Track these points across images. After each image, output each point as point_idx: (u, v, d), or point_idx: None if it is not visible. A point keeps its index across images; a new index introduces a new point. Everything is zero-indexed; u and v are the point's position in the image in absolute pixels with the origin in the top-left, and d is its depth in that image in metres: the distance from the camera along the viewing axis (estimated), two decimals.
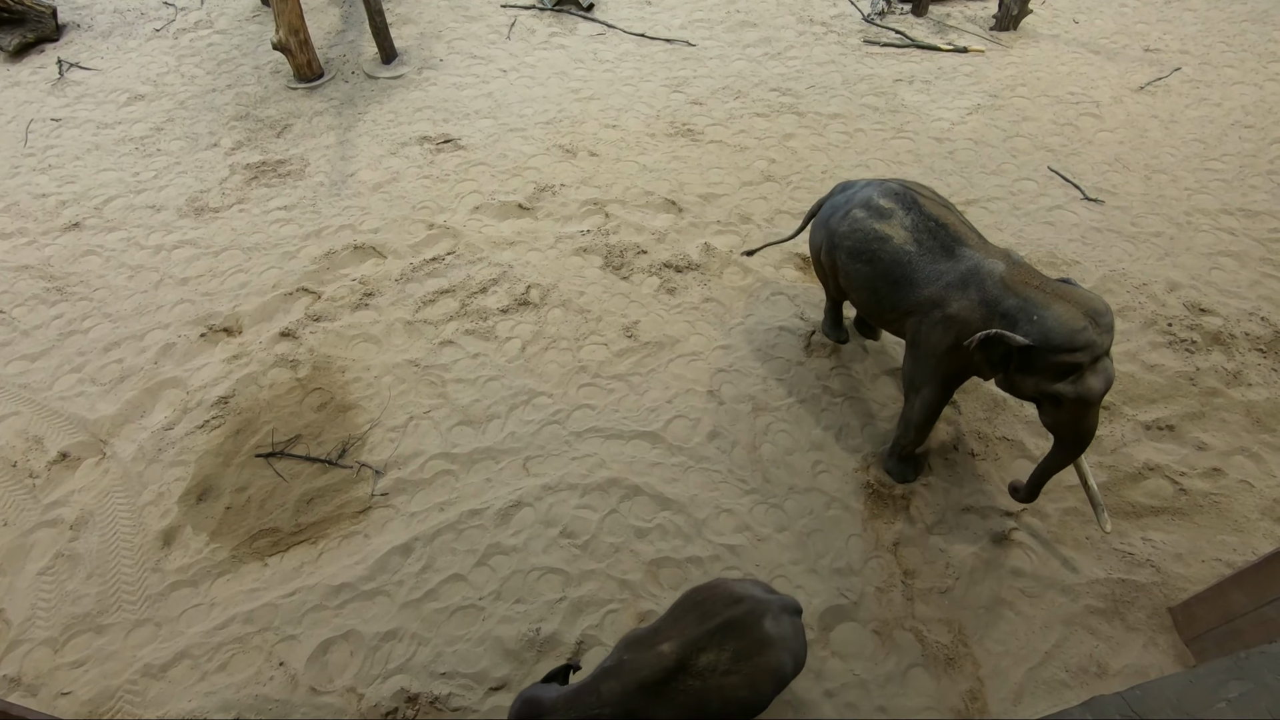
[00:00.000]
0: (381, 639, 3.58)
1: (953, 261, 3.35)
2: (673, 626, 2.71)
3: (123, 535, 4.05)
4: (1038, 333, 3.01)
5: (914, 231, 3.48)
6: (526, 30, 8.06)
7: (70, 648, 3.65)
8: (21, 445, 4.49)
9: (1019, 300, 3.11)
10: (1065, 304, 3.02)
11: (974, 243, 3.38)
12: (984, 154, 6.18)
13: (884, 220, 3.57)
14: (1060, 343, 2.96)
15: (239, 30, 8.31)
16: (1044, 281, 3.14)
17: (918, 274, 3.44)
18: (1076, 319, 2.97)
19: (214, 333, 5.06)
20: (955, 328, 3.32)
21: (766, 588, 2.90)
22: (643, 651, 2.64)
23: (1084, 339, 2.95)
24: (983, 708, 3.28)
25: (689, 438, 4.31)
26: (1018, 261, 3.26)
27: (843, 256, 3.78)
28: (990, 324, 3.18)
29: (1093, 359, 2.98)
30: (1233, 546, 3.74)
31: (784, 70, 7.29)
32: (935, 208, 3.51)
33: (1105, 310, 3.00)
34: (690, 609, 2.77)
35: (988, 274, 3.23)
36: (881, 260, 3.56)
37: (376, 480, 4.20)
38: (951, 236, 3.40)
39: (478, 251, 5.51)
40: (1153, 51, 7.34)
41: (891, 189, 3.65)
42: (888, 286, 3.57)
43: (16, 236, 5.94)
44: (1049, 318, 3.01)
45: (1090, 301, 3.02)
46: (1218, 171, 5.90)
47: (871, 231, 3.60)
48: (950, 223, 3.44)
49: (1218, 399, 4.36)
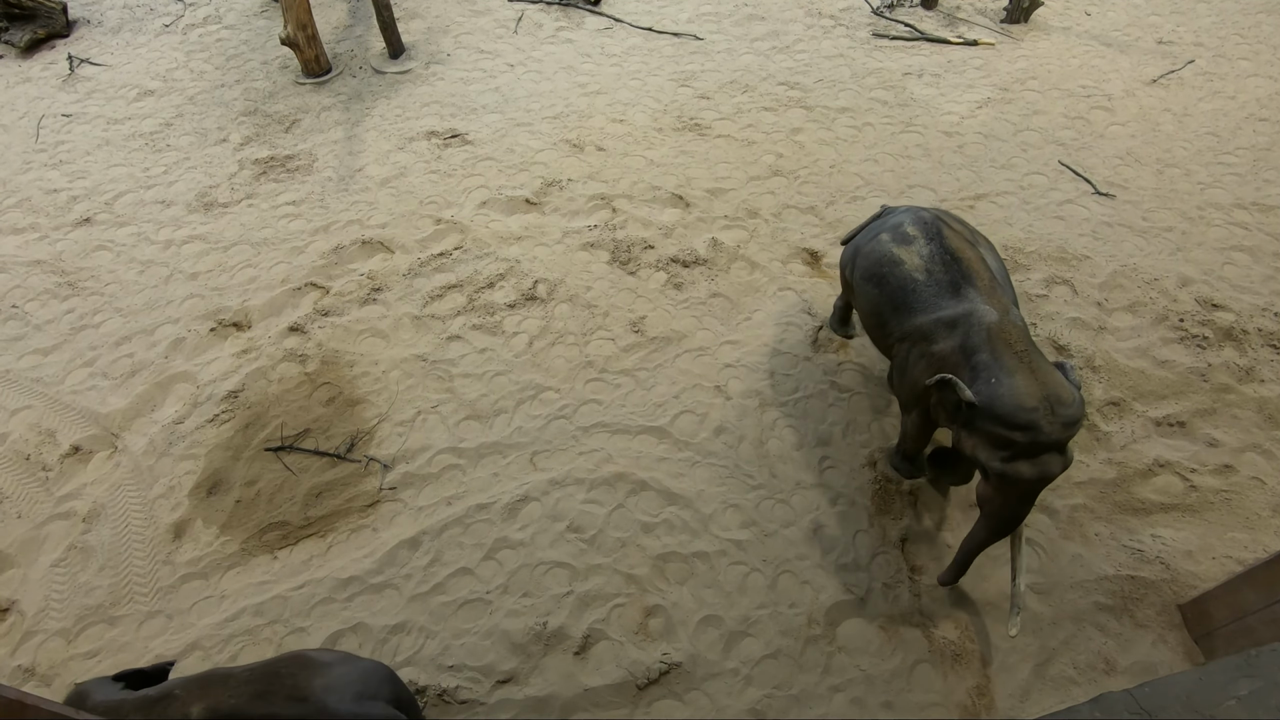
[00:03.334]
0: (389, 632, 3.61)
1: (953, 299, 3.24)
2: (227, 687, 2.37)
3: (134, 528, 4.09)
4: (987, 395, 2.90)
5: (927, 261, 3.37)
6: (533, 25, 8.04)
7: (83, 639, 3.70)
8: (34, 438, 4.54)
9: (991, 357, 2.99)
10: (1030, 379, 2.88)
11: (982, 286, 3.24)
12: (994, 148, 6.14)
13: (903, 246, 3.49)
14: (1001, 413, 2.85)
15: (247, 25, 8.33)
16: (1027, 349, 3.00)
17: (918, 303, 3.34)
18: (1030, 398, 2.83)
19: (223, 327, 5.09)
20: (934, 365, 3.22)
21: (362, 693, 2.42)
22: (192, 696, 2.34)
23: (1026, 419, 2.81)
24: (990, 704, 3.28)
25: (696, 433, 4.31)
26: (1014, 319, 3.12)
27: (858, 276, 3.71)
28: (959, 371, 3.07)
29: (1032, 443, 2.83)
30: (1244, 544, 3.72)
31: (792, 64, 7.25)
32: (958, 241, 3.40)
33: (1072, 404, 2.83)
34: (264, 678, 2.40)
35: (977, 321, 3.11)
36: (889, 284, 3.47)
37: (384, 474, 4.22)
38: (962, 274, 3.28)
39: (485, 246, 5.52)
40: (1166, 44, 7.25)
41: (922, 217, 3.54)
42: (890, 311, 3.49)
43: (29, 232, 5.98)
44: (1005, 385, 2.88)
45: (1059, 389, 2.86)
46: (1231, 165, 5.84)
47: (888, 255, 3.52)
48: (967, 259, 3.32)
49: (1229, 395, 4.32)
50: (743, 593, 3.67)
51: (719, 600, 3.65)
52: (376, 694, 2.46)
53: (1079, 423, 2.86)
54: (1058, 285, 4.98)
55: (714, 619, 3.59)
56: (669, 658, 3.46)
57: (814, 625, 3.54)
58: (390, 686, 2.56)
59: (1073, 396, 2.86)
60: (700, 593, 3.68)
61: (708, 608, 3.62)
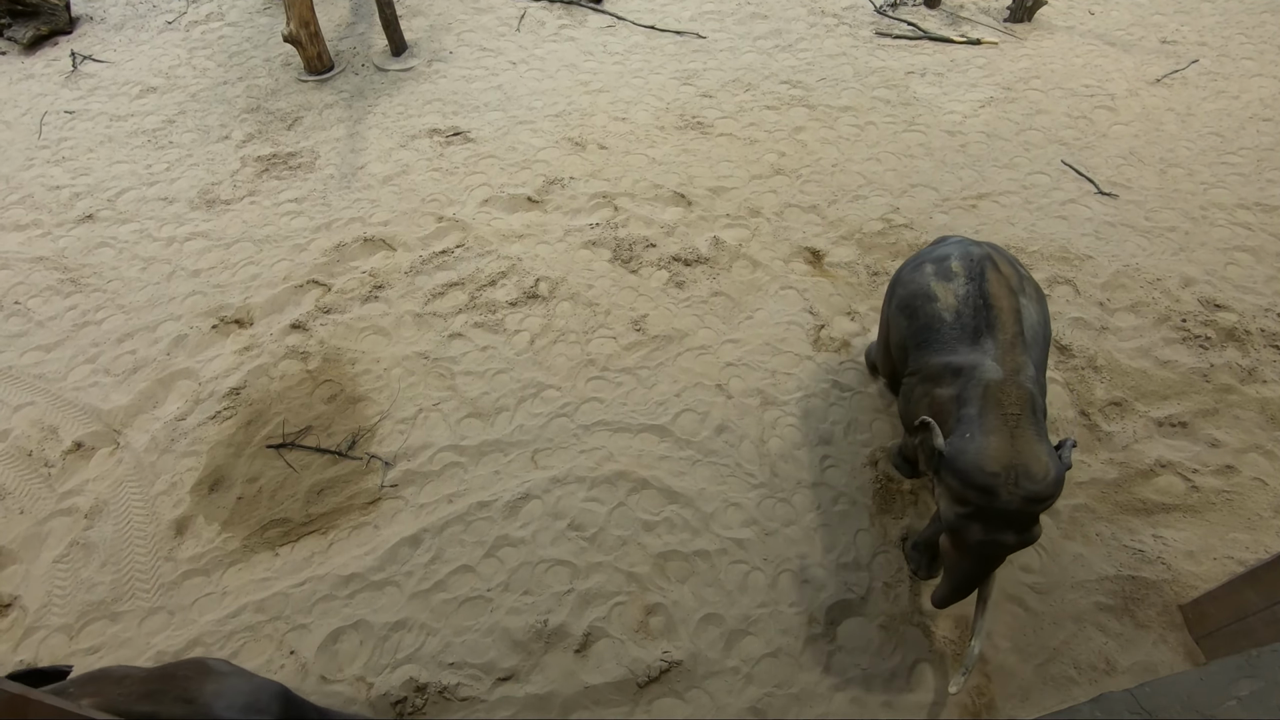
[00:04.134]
0: (391, 629, 3.61)
1: (969, 348, 3.10)
2: (121, 685, 2.32)
3: (136, 524, 4.10)
4: (956, 448, 2.82)
5: (960, 303, 3.20)
6: (536, 23, 8.04)
7: (85, 634, 3.71)
8: (37, 435, 4.55)
9: (978, 413, 2.89)
10: (1004, 444, 2.76)
11: (1002, 340, 3.06)
12: (996, 147, 6.13)
13: (942, 281, 3.31)
14: (962, 468, 2.77)
15: (250, 23, 8.33)
16: (1019, 414, 2.84)
17: (937, 343, 3.21)
18: (994, 462, 2.72)
19: (225, 324, 5.10)
20: (932, 407, 3.15)
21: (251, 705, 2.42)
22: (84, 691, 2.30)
23: (983, 481, 2.72)
24: (990, 704, 3.28)
25: (697, 431, 4.31)
26: (1023, 381, 2.94)
27: (895, 305, 3.55)
28: (948, 419, 3.01)
29: (986, 508, 2.74)
30: (1245, 544, 3.71)
31: (795, 63, 7.24)
32: (999, 287, 3.19)
33: (1040, 480, 2.69)
34: (159, 679, 2.37)
35: (981, 375, 2.99)
36: (918, 319, 3.33)
37: (386, 472, 4.23)
38: (988, 322, 3.11)
39: (487, 244, 5.52)
40: (1170, 43, 7.24)
41: (970, 254, 3.33)
42: (913, 345, 3.34)
43: (31, 228, 5.99)
44: (976, 443, 2.79)
45: (1031, 462, 2.71)
46: (1235, 165, 5.83)
47: (925, 288, 3.36)
48: (998, 308, 3.13)
49: (1232, 395, 4.32)
50: (743, 591, 3.67)
51: (720, 599, 3.65)
52: (266, 709, 2.50)
53: (1044, 501, 2.72)
54: (1060, 285, 4.97)
55: (715, 617, 3.59)
56: (670, 656, 3.46)
57: (814, 624, 3.54)
58: (281, 705, 2.57)
59: (1045, 473, 2.71)
60: (701, 591, 3.68)
61: (708, 606, 3.63)
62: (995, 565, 2.93)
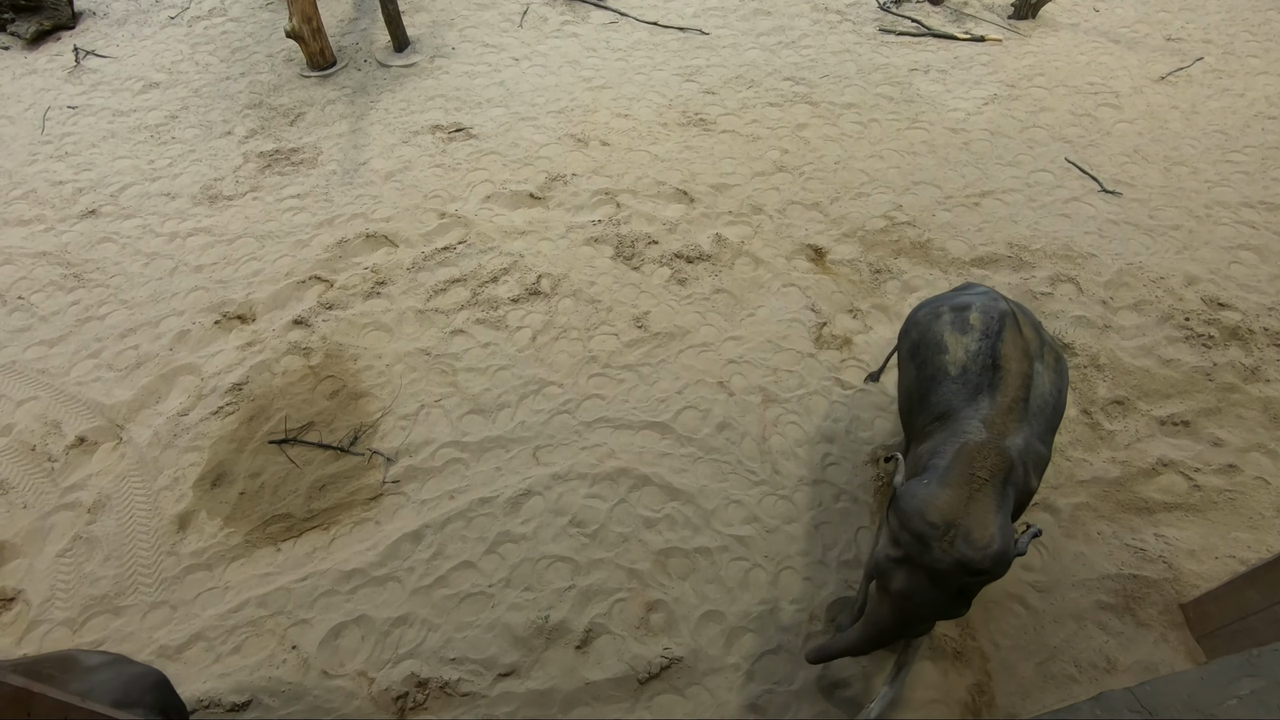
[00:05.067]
0: (392, 624, 3.62)
1: (965, 402, 2.98)
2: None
3: (139, 519, 4.11)
4: (908, 488, 2.75)
5: (970, 359, 3.06)
6: (539, 19, 8.02)
7: (88, 628, 3.72)
8: (40, 429, 4.56)
9: (946, 466, 2.77)
10: (957, 501, 2.65)
11: (1000, 403, 2.92)
12: (1000, 145, 6.11)
13: (957, 333, 3.16)
14: (903, 508, 2.70)
15: (252, 18, 8.32)
16: (987, 481, 2.70)
17: (939, 400, 3.07)
18: (939, 514, 2.61)
19: (228, 320, 5.10)
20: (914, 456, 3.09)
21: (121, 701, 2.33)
22: None
23: (919, 528, 2.62)
24: (990, 701, 3.28)
25: (698, 429, 4.31)
26: (1008, 449, 2.79)
27: (906, 348, 3.44)
28: (919, 467, 2.94)
29: (916, 558, 2.64)
30: (1247, 543, 3.71)
31: (798, 59, 7.22)
32: (1013, 349, 3.03)
33: (979, 550, 2.54)
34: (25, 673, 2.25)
35: (964, 430, 2.87)
36: (926, 369, 3.20)
37: (388, 468, 4.23)
38: (991, 383, 2.96)
39: (489, 241, 5.52)
40: (1174, 41, 7.21)
41: (990, 309, 3.15)
42: (918, 399, 3.22)
43: (35, 223, 6.00)
44: (929, 490, 2.69)
45: (978, 530, 2.58)
46: (1239, 164, 5.80)
47: (938, 337, 3.22)
48: (1007, 371, 2.97)
49: (1235, 395, 4.31)
50: (744, 588, 3.67)
51: (720, 596, 3.66)
52: (139, 701, 2.44)
53: (976, 572, 2.57)
54: (1063, 283, 4.96)
55: (715, 614, 3.60)
56: (670, 652, 3.47)
57: (815, 621, 3.54)
58: (156, 694, 2.52)
59: (988, 544, 2.56)
60: (702, 588, 3.69)
61: (709, 603, 3.63)
62: (912, 625, 2.77)
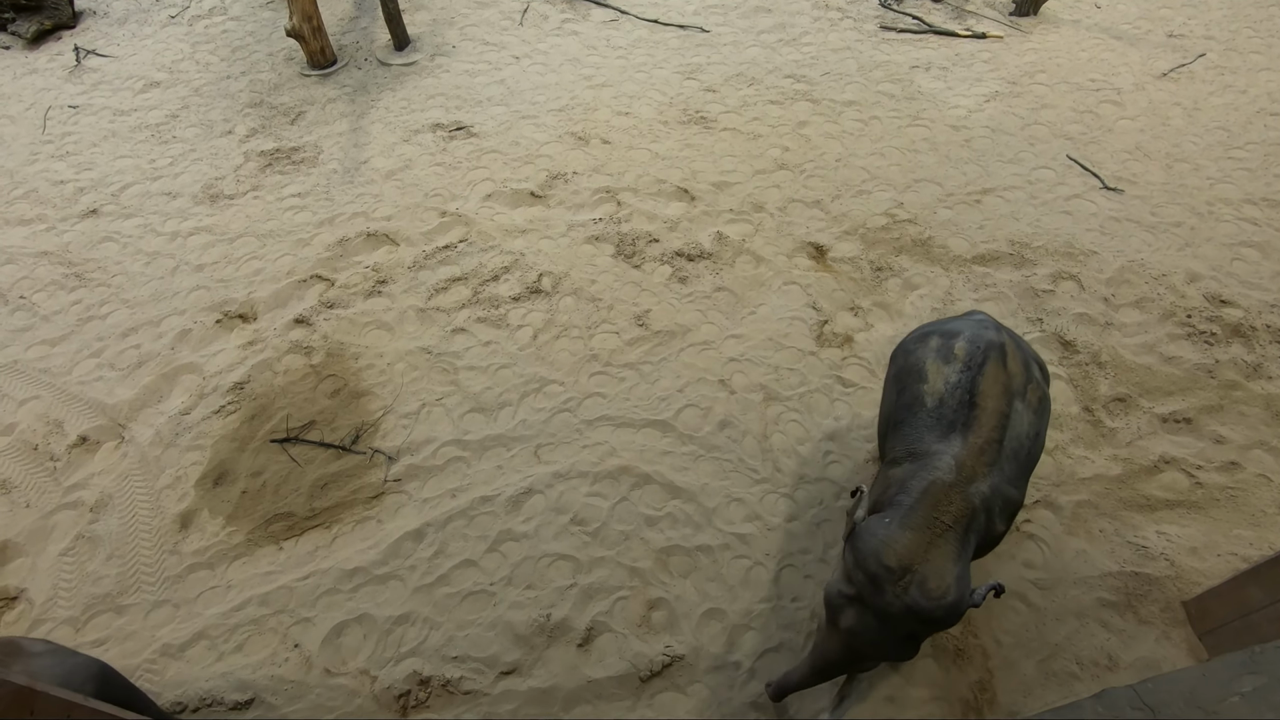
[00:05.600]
0: (394, 622, 3.63)
1: (937, 438, 2.87)
2: None
3: (141, 518, 4.12)
4: (868, 526, 2.68)
5: (948, 391, 2.94)
6: (539, 17, 8.01)
7: (91, 627, 3.73)
8: (42, 429, 4.57)
9: (911, 505, 2.69)
10: (917, 545, 2.58)
11: (973, 443, 2.80)
12: (1001, 142, 6.10)
13: (940, 362, 3.03)
14: (860, 546, 2.64)
15: (253, 17, 8.32)
16: (950, 527, 2.63)
17: (910, 429, 2.99)
18: (894, 557, 2.55)
19: (229, 319, 5.11)
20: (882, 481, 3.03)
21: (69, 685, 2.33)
22: None
23: (873, 569, 2.56)
24: (991, 699, 3.28)
25: (700, 427, 4.31)
26: (974, 493, 2.71)
27: (891, 372, 3.33)
28: (885, 501, 2.87)
29: (866, 597, 2.58)
30: (1249, 541, 3.70)
31: (798, 57, 7.21)
32: (994, 384, 2.89)
33: (930, 598, 2.49)
34: None
35: (932, 469, 2.78)
36: (904, 396, 3.10)
37: (389, 466, 4.24)
38: (966, 421, 2.85)
39: (490, 239, 5.52)
40: (1177, 37, 7.19)
41: (979, 340, 3.01)
42: (894, 422, 3.12)
43: (36, 223, 6.01)
44: (889, 530, 2.62)
45: (933, 577, 2.52)
46: (1241, 160, 5.79)
47: (920, 364, 3.10)
48: (983, 409, 2.85)
49: (1237, 392, 4.30)
50: (745, 586, 3.68)
51: (722, 594, 3.66)
52: (80, 688, 2.47)
53: (927, 621, 2.51)
54: (1064, 280, 4.95)
55: (717, 612, 3.60)
56: (671, 650, 3.47)
57: (816, 619, 3.54)
58: (98, 684, 2.54)
59: (942, 593, 2.50)
60: (703, 586, 3.69)
61: (710, 601, 3.63)
62: (857, 662, 2.72)
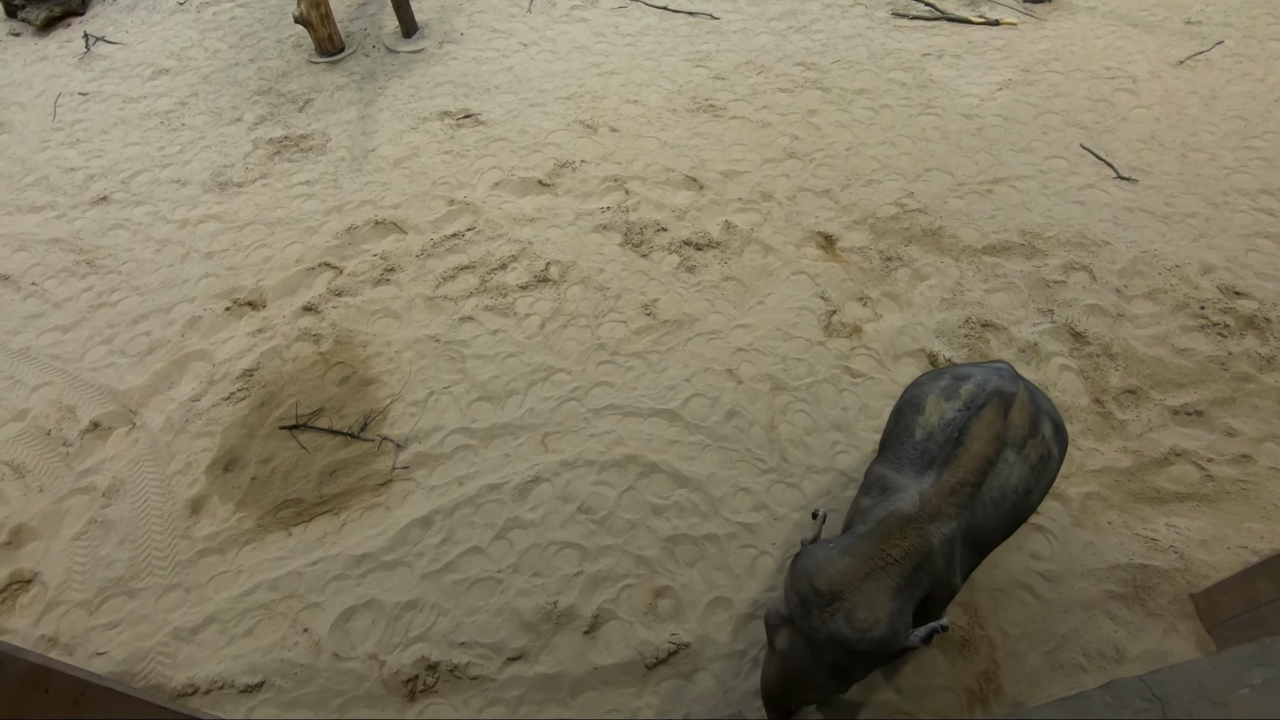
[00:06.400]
0: (402, 608, 3.66)
1: (914, 472, 2.81)
2: None
3: (153, 503, 4.16)
4: (812, 550, 2.67)
5: (939, 427, 2.86)
6: (547, 3, 7.96)
7: (104, 610, 3.78)
8: (55, 414, 4.61)
9: (864, 533, 2.64)
10: (852, 574, 2.52)
11: (945, 483, 2.70)
12: (1014, 131, 6.03)
13: (941, 399, 2.95)
14: (798, 566, 2.62)
15: (261, 4, 8.30)
16: (896, 563, 2.55)
17: (893, 455, 2.94)
18: (827, 582, 2.51)
19: (239, 306, 5.13)
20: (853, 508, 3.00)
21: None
22: None
23: (803, 590, 2.54)
24: (998, 690, 3.28)
25: (707, 416, 4.31)
26: (935, 535, 2.62)
27: (898, 402, 3.25)
28: (848, 524, 2.86)
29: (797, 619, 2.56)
30: (1260, 534, 3.68)
31: (809, 44, 7.14)
32: (985, 429, 2.78)
33: (857, 629, 2.44)
34: None
35: (894, 501, 2.71)
36: (898, 426, 3.04)
37: (397, 454, 4.26)
38: (946, 459, 2.75)
39: (498, 228, 5.51)
40: (1194, 24, 7.07)
41: (985, 383, 2.89)
42: (885, 448, 3.06)
43: (47, 210, 6.04)
44: (830, 556, 2.59)
45: (863, 611, 2.46)
46: (1259, 150, 5.71)
47: (922, 398, 3.03)
48: (967, 452, 2.74)
49: (1250, 384, 4.26)
50: (752, 576, 3.68)
51: (728, 583, 3.67)
52: None
53: (850, 652, 2.46)
54: (1076, 271, 4.91)
55: (723, 601, 3.61)
56: (677, 638, 3.49)
57: None
58: None
59: (869, 627, 2.45)
60: (710, 575, 3.70)
61: (717, 590, 3.64)
62: (794, 690, 2.68)
